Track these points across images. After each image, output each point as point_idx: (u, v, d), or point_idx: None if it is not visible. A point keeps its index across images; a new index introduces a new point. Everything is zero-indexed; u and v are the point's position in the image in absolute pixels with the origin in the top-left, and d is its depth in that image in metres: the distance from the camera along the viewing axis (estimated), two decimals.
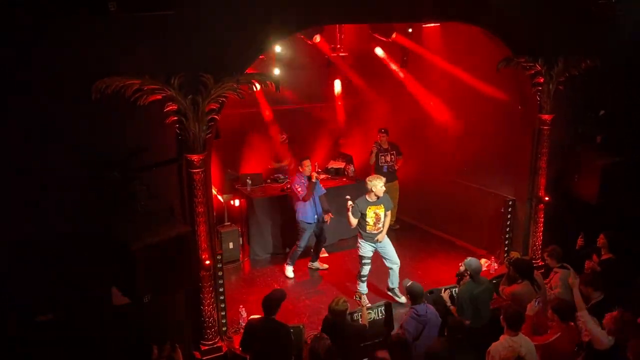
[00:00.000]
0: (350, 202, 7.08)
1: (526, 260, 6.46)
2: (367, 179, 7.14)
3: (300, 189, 7.92)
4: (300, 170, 8.00)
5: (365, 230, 7.10)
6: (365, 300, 6.12)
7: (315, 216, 8.03)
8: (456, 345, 4.95)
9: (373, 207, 7.06)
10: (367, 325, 6.01)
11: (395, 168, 9.29)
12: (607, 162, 7.59)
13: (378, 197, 7.06)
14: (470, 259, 6.15)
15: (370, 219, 7.04)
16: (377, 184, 7.00)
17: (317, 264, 8.46)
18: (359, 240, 7.24)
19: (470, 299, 5.89)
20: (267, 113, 9.87)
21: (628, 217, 7.35)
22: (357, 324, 5.97)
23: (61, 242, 5.03)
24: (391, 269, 7.37)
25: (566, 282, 5.97)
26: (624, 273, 6.23)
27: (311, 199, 7.96)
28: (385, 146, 9.23)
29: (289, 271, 8.20)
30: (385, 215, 7.15)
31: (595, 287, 5.74)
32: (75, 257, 5.09)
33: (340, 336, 5.34)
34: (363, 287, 7.32)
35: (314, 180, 7.95)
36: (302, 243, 8.12)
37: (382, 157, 9.24)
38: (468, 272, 6.04)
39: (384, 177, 8.43)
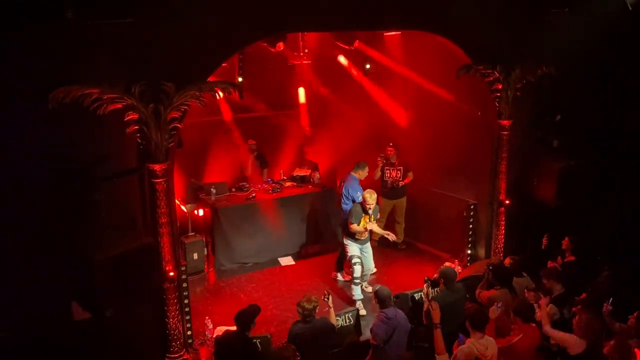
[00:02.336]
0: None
1: (506, 267, 6.53)
2: (364, 192, 7.30)
3: (359, 193, 7.70)
4: (358, 174, 7.91)
5: (351, 234, 7.34)
6: (331, 302, 6.11)
7: None
8: (423, 354, 4.97)
9: (364, 216, 7.28)
10: (335, 324, 5.97)
11: (400, 185, 8.93)
12: (564, 165, 7.82)
13: (369, 208, 7.23)
14: (446, 268, 6.19)
15: (361, 226, 7.27)
16: (367, 199, 7.15)
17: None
18: (346, 240, 7.41)
19: (443, 306, 5.89)
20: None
21: (585, 219, 7.58)
22: (324, 320, 5.85)
23: (19, 254, 4.86)
24: (365, 274, 7.56)
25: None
26: (584, 276, 6.43)
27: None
28: (394, 160, 8.94)
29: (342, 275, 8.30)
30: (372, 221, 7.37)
31: (557, 280, 5.99)
32: (34, 270, 4.93)
33: (312, 335, 5.39)
34: (358, 291, 7.34)
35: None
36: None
37: (388, 171, 8.94)
38: (442, 280, 6.07)
39: (387, 192, 8.66)
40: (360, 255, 7.39)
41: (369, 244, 7.55)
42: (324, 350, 5.61)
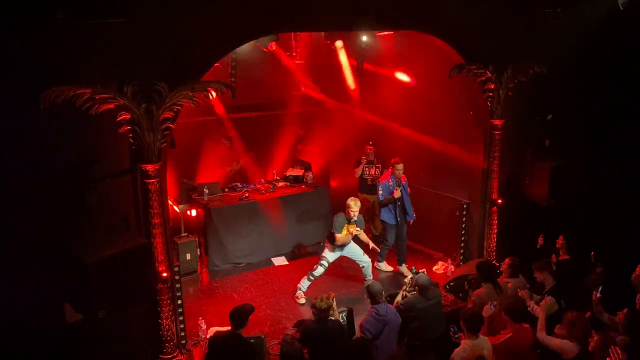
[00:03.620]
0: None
1: (490, 263, 6.60)
2: (348, 199, 7.42)
3: (381, 192, 7.99)
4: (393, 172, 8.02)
5: (334, 242, 7.42)
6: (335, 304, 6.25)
7: (399, 218, 8.05)
8: (415, 351, 4.99)
9: (347, 226, 7.38)
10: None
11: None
12: (556, 164, 7.87)
13: (351, 218, 7.37)
14: (420, 276, 6.23)
15: (343, 234, 7.39)
16: (352, 206, 7.30)
17: (402, 268, 8.34)
18: (326, 244, 7.55)
19: (415, 312, 5.94)
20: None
21: (577, 217, 7.64)
22: (337, 320, 5.89)
23: (11, 254, 4.82)
24: (363, 266, 7.69)
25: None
26: (577, 274, 6.47)
27: (395, 201, 7.97)
28: (372, 158, 9.16)
29: (384, 266, 8.37)
30: (357, 232, 7.47)
31: (549, 272, 6.05)
32: (26, 271, 4.89)
33: (325, 336, 5.41)
34: (305, 284, 7.52)
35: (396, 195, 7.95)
36: (390, 241, 8.24)
37: (367, 169, 9.16)
38: (417, 287, 6.10)
39: (367, 189, 8.78)
40: (331, 260, 7.52)
41: (351, 243, 7.62)
42: (335, 351, 5.55)
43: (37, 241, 4.92)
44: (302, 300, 7.46)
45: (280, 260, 8.94)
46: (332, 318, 5.75)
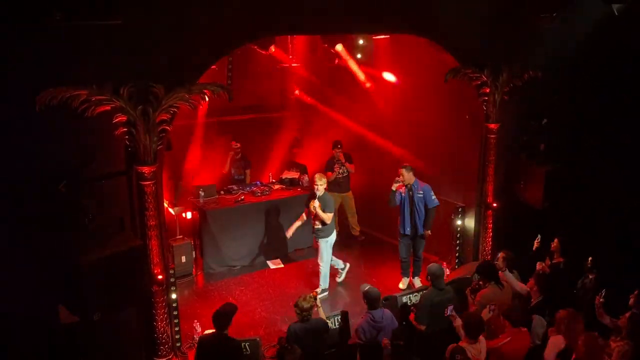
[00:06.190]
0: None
1: (489, 263, 6.61)
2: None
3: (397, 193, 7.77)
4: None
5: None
6: (319, 301, 6.23)
7: (408, 228, 7.78)
8: (398, 352, 5.00)
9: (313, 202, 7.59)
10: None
11: (350, 171, 9.39)
12: (551, 168, 7.91)
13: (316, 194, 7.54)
14: (432, 265, 6.24)
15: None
16: (317, 181, 7.54)
17: (414, 280, 8.04)
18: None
19: (431, 307, 5.99)
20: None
21: (572, 221, 7.66)
22: (319, 319, 5.90)
23: (5, 256, 4.80)
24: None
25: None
26: (569, 276, 6.50)
27: (404, 208, 7.74)
28: (340, 159, 9.32)
29: (401, 283, 8.02)
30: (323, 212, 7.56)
31: (540, 287, 6.11)
32: (20, 273, 4.87)
33: (311, 335, 5.47)
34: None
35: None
36: (400, 254, 7.95)
37: (338, 169, 9.37)
38: (429, 278, 6.11)
39: (337, 187, 8.85)
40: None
41: (323, 246, 7.73)
42: (321, 349, 5.65)
43: (32, 242, 4.89)
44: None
45: (275, 263, 8.94)
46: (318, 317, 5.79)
